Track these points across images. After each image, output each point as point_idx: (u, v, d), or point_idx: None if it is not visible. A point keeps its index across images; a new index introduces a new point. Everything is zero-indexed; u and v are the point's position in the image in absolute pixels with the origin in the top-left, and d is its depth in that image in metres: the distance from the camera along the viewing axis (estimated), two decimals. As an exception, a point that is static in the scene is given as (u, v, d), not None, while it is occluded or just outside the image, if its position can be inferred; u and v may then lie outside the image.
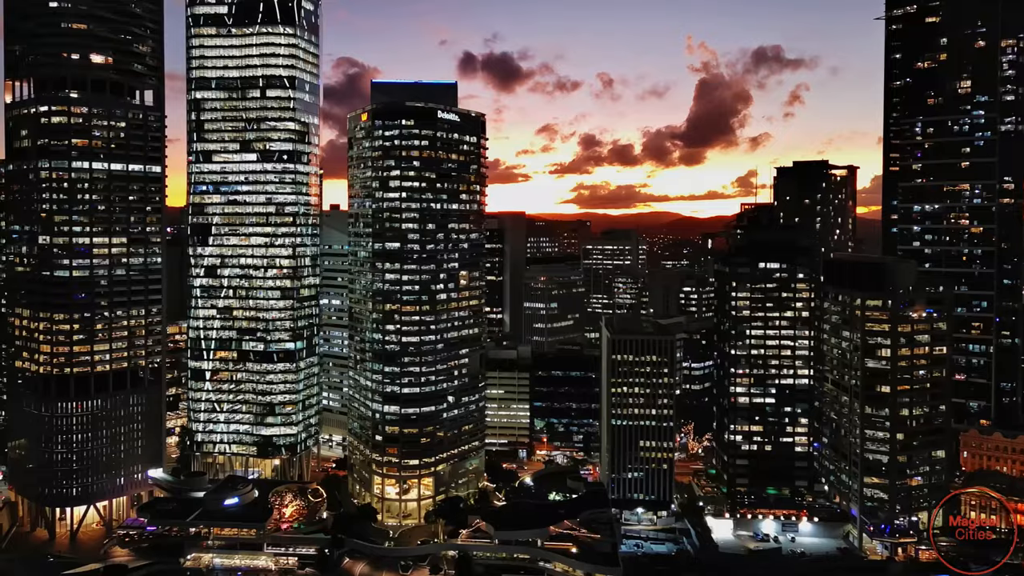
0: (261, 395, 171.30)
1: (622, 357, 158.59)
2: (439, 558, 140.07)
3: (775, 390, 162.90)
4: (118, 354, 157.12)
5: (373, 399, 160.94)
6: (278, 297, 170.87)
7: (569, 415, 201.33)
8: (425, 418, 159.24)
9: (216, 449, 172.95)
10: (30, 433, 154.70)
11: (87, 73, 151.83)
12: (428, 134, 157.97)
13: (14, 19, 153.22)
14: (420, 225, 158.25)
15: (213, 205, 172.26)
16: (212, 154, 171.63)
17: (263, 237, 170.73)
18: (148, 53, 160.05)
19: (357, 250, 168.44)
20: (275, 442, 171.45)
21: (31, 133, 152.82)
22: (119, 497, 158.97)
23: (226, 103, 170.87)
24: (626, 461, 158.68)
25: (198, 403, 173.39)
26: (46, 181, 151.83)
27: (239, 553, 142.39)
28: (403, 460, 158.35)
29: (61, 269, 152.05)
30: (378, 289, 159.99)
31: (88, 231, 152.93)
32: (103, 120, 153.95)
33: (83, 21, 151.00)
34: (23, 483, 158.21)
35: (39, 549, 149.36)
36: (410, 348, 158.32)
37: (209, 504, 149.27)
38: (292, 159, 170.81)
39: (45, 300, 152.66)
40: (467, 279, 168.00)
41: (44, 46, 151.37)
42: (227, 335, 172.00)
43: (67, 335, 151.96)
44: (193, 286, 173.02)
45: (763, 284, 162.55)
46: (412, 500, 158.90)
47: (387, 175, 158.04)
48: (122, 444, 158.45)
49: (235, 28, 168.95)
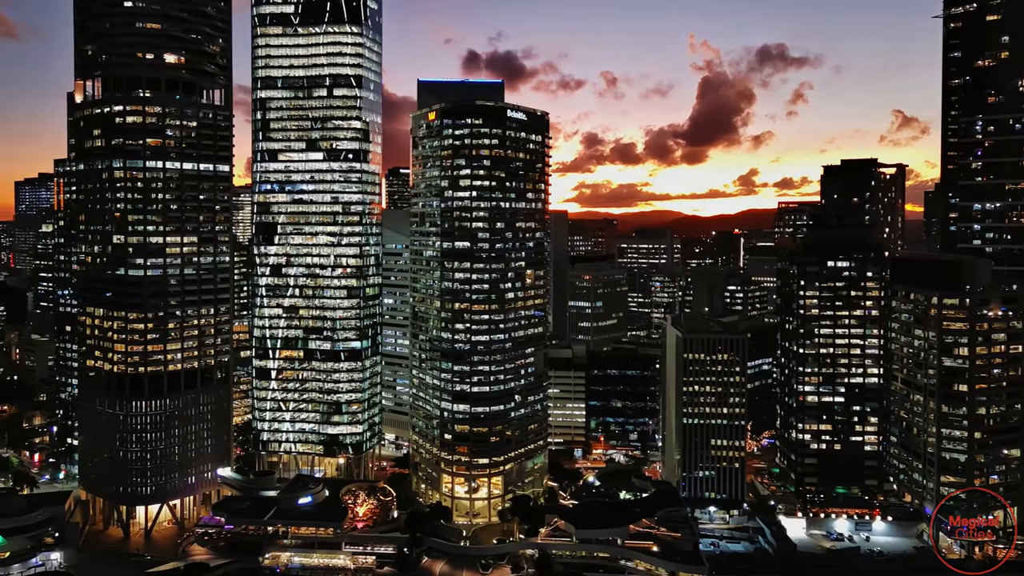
0: (327, 394, 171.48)
1: (693, 356, 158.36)
2: (518, 557, 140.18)
3: (844, 389, 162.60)
4: (189, 353, 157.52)
5: (442, 398, 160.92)
6: (344, 296, 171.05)
7: (625, 414, 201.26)
8: (494, 417, 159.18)
9: (282, 448, 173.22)
10: (103, 432, 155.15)
11: (161, 73, 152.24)
12: (498, 132, 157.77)
13: (87, 19, 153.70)
14: (489, 224, 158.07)
15: (278, 204, 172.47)
16: (277, 153, 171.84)
17: (329, 236, 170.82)
18: (218, 53, 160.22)
19: (422, 249, 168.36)
20: (341, 441, 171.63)
21: (104, 133, 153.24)
22: (190, 496, 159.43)
23: (292, 102, 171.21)
24: (697, 460, 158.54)
25: (263, 402, 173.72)
26: (120, 181, 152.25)
27: (317, 552, 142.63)
28: (473, 459, 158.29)
29: (135, 268, 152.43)
30: (446, 288, 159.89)
31: (161, 230, 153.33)
32: (175, 120, 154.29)
33: (157, 21, 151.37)
34: (95, 482, 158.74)
35: (115, 548, 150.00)
36: (480, 347, 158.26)
37: (284, 503, 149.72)
38: (357, 158, 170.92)
39: (119, 299, 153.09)
40: (532, 278, 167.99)
41: (118, 46, 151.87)
42: (293, 334, 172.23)
43: (141, 334, 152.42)
44: (258, 285, 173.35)
45: (832, 283, 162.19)
46: (481, 499, 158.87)
47: (457, 174, 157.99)
48: (192, 443, 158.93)
49: (301, 27, 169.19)
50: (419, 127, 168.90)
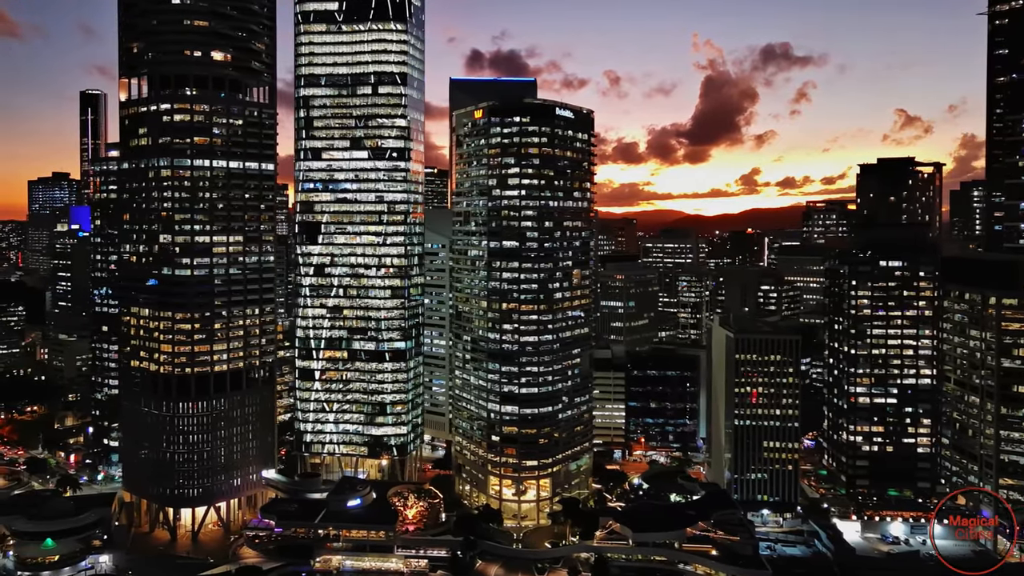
0: (371, 394, 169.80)
1: (745, 356, 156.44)
2: (573, 560, 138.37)
3: (896, 390, 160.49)
4: (234, 354, 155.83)
5: (488, 399, 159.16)
6: (388, 296, 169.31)
7: (664, 415, 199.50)
8: (543, 418, 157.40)
9: (325, 449, 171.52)
10: (148, 433, 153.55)
11: (208, 71, 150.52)
12: (546, 131, 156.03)
13: (132, 16, 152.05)
14: (538, 223, 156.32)
15: (321, 203, 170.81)
16: (321, 151, 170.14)
17: (374, 236, 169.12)
18: (264, 50, 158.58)
19: (466, 248, 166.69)
20: (385, 442, 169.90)
21: (151, 131, 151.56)
22: (236, 498, 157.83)
23: (335, 100, 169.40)
24: (749, 462, 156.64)
25: (306, 403, 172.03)
26: (167, 179, 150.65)
27: (368, 555, 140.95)
28: (521, 461, 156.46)
29: (182, 268, 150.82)
30: (494, 288, 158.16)
31: (208, 230, 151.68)
32: (222, 118, 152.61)
33: (205, 18, 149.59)
34: (140, 483, 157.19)
35: (162, 550, 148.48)
36: (528, 348, 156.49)
37: (332, 505, 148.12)
38: (401, 156, 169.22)
39: (165, 299, 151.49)
40: (579, 278, 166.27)
41: (165, 43, 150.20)
42: (336, 334, 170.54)
43: (188, 335, 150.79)
44: (301, 285, 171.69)
45: (884, 282, 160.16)
46: (529, 502, 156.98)
47: (505, 173, 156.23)
48: (238, 445, 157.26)
49: (345, 25, 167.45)
50: (463, 125, 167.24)
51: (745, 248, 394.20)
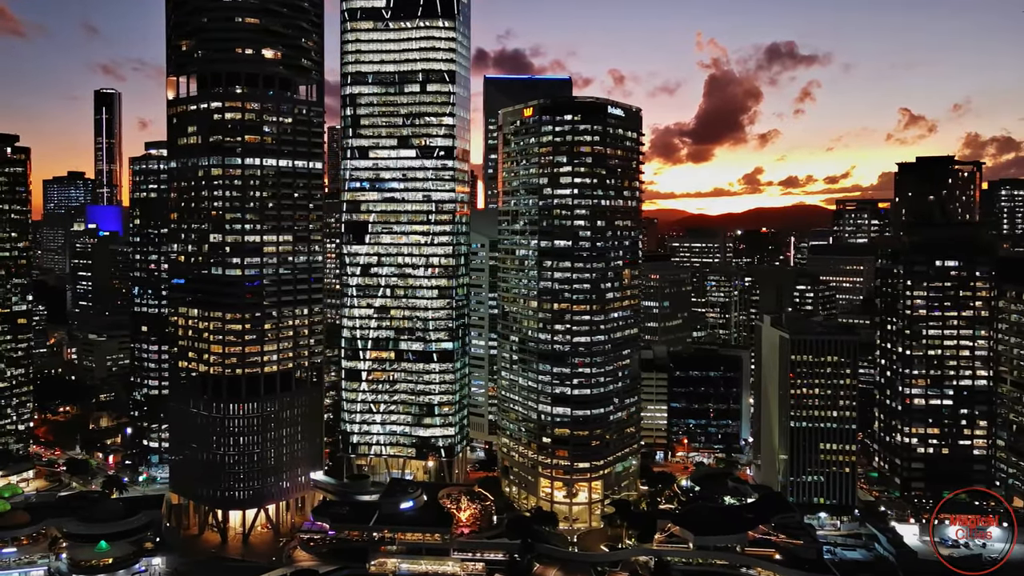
0: (418, 395, 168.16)
1: (801, 357, 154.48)
2: (632, 563, 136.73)
3: (952, 391, 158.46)
4: (284, 354, 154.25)
5: (539, 400, 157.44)
6: (435, 296, 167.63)
7: (707, 416, 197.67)
8: (595, 420, 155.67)
9: (372, 450, 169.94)
10: (198, 435, 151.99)
11: (259, 68, 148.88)
12: (598, 129, 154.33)
13: (182, 15, 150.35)
14: (590, 222, 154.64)
15: (368, 202, 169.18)
16: (368, 150, 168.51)
17: (421, 235, 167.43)
18: (313, 48, 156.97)
19: (514, 248, 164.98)
20: (432, 443, 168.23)
21: (200, 129, 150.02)
22: (285, 500, 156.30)
23: (382, 98, 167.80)
24: (805, 464, 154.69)
25: (353, 403, 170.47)
26: (217, 178, 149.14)
27: (424, 558, 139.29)
28: (573, 463, 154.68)
29: (232, 268, 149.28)
30: (544, 288, 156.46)
31: (259, 229, 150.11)
32: (272, 116, 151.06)
33: (256, 16, 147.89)
34: (188, 485, 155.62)
35: (212, 553, 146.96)
36: (580, 348, 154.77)
37: (385, 508, 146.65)
38: (449, 155, 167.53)
39: (216, 300, 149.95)
40: (628, 277, 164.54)
41: (216, 41, 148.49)
42: (384, 335, 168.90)
43: (239, 335, 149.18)
44: (348, 285, 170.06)
45: (940, 282, 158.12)
46: (580, 504, 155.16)
47: (557, 171, 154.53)
48: (287, 446, 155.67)
49: (392, 22, 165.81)
50: (511, 123, 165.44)
51: (760, 247, 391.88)
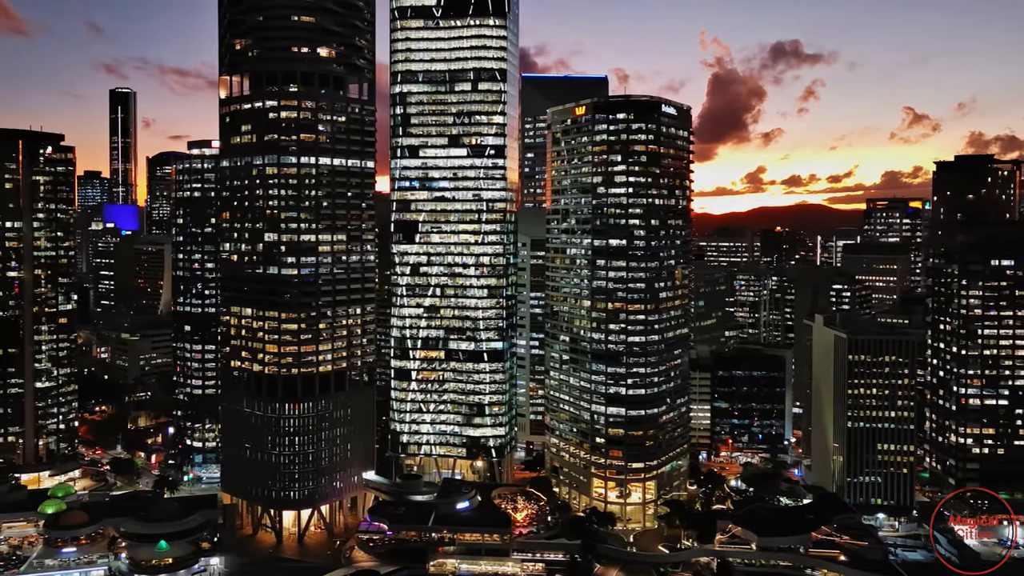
0: (468, 395, 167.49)
1: (858, 357, 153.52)
2: (694, 564, 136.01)
3: (1007, 391, 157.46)
4: (337, 354, 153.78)
5: (592, 400, 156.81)
6: (485, 295, 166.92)
7: (751, 416, 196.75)
8: (649, 420, 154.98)
9: (421, 450, 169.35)
10: (253, 435, 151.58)
11: (315, 67, 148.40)
12: (652, 128, 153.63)
13: (237, 13, 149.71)
14: (644, 221, 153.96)
15: (418, 202, 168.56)
16: (418, 149, 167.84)
17: (471, 235, 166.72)
18: (366, 46, 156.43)
19: (565, 247, 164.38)
20: (483, 443, 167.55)
21: (255, 128, 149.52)
22: (338, 500, 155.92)
23: (432, 97, 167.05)
24: (863, 464, 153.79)
25: (402, 403, 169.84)
26: (272, 177, 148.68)
27: (484, 559, 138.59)
28: (628, 463, 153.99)
29: (287, 267, 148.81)
30: (598, 287, 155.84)
31: (314, 228, 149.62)
32: (327, 115, 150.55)
33: (312, 14, 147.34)
34: (242, 485, 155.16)
35: (272, 552, 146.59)
36: (635, 348, 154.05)
37: (442, 508, 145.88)
38: (499, 154, 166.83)
39: (272, 299, 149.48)
40: (680, 277, 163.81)
41: (272, 40, 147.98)
42: (433, 334, 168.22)
43: (294, 335, 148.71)
44: (397, 284, 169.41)
45: (996, 281, 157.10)
46: (634, 504, 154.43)
47: (611, 170, 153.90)
48: (340, 446, 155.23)
49: (443, 20, 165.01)
50: (561, 122, 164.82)
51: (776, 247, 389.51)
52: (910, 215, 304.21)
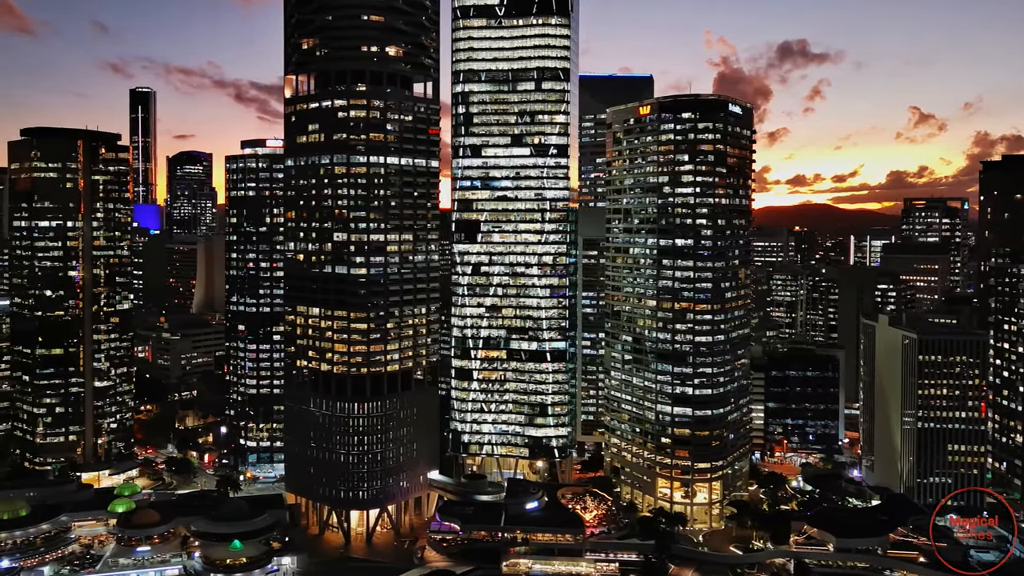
0: (530, 395, 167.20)
1: (928, 358, 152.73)
2: (769, 565, 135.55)
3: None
4: (404, 354, 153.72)
5: (657, 400, 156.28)
6: (548, 295, 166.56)
7: (805, 416, 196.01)
8: (715, 420, 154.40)
9: (483, 450, 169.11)
10: (320, 435, 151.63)
11: (383, 66, 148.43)
12: (720, 127, 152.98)
13: (306, 13, 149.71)
14: (711, 221, 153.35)
15: (480, 201, 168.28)
16: (480, 148, 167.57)
17: (534, 234, 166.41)
18: (432, 45, 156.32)
19: (627, 247, 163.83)
20: (545, 444, 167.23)
21: (324, 127, 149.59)
22: (404, 500, 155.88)
23: (494, 96, 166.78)
24: (932, 465, 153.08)
25: (463, 403, 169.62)
26: (341, 177, 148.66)
27: (557, 559, 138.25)
28: (694, 463, 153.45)
29: (356, 267, 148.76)
30: (664, 287, 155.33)
31: (382, 228, 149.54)
32: (395, 114, 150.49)
33: (381, 13, 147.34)
34: (308, 485, 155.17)
35: (342, 552, 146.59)
36: (702, 348, 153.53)
37: (511, 509, 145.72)
38: (562, 153, 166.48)
39: (340, 299, 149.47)
40: (743, 276, 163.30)
41: (341, 39, 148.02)
42: (495, 334, 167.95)
43: (363, 334, 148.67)
44: (458, 284, 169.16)
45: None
46: (701, 504, 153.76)
47: (678, 170, 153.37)
48: (407, 446, 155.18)
49: (505, 19, 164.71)
50: (623, 122, 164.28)
51: (812, 246, 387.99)
52: (952, 215, 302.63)
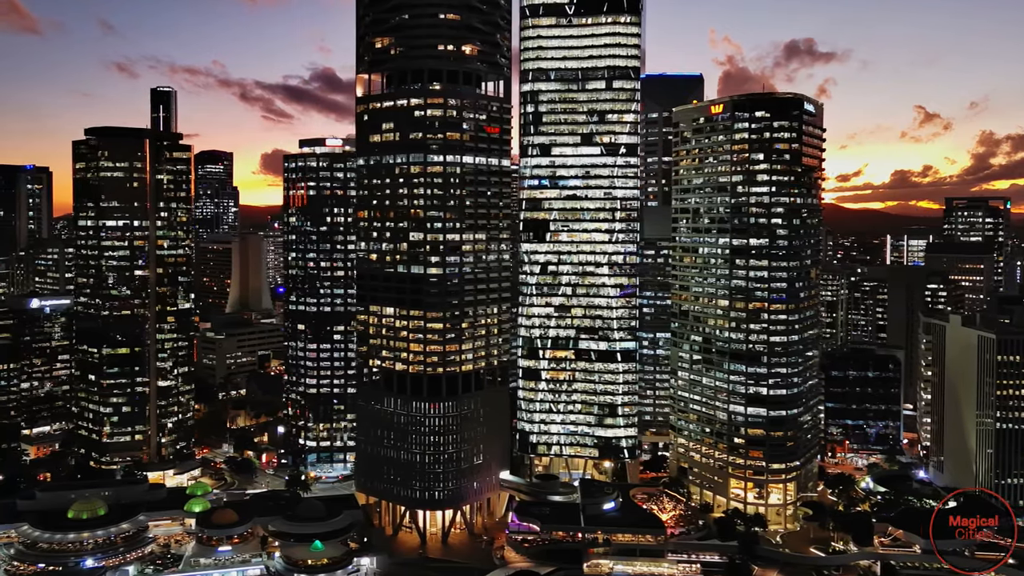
0: (599, 395, 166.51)
1: (1007, 358, 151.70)
2: (854, 567, 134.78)
3: None
4: (478, 353, 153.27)
5: (730, 400, 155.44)
6: (617, 295, 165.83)
7: (865, 416, 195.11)
8: (790, 420, 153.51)
9: (552, 451, 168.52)
10: (395, 434, 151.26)
11: (459, 65, 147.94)
12: (795, 126, 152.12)
13: (380, 12, 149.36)
14: (787, 220, 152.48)
15: (549, 200, 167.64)
16: (549, 147, 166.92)
17: (603, 233, 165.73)
18: (505, 44, 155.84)
19: (697, 246, 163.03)
20: (615, 444, 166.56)
21: (399, 126, 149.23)
22: (478, 500, 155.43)
23: (563, 95, 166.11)
24: (1011, 466, 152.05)
25: (531, 403, 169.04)
26: (417, 176, 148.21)
27: (638, 559, 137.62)
28: (769, 463, 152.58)
29: (433, 267, 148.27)
30: (738, 287, 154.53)
31: (457, 227, 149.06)
32: (470, 113, 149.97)
33: (457, 12, 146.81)
34: (381, 485, 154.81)
35: (421, 553, 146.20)
36: (777, 348, 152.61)
37: (589, 509, 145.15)
38: (632, 152, 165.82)
39: (416, 298, 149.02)
40: (815, 275, 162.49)
41: (417, 38, 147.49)
42: (563, 334, 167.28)
43: (440, 334, 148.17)
44: (527, 283, 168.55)
45: None
46: (774, 505, 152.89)
47: (753, 169, 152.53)
48: (480, 446, 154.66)
49: (575, 18, 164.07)
50: (692, 121, 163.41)
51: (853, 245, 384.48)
52: (995, 214, 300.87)
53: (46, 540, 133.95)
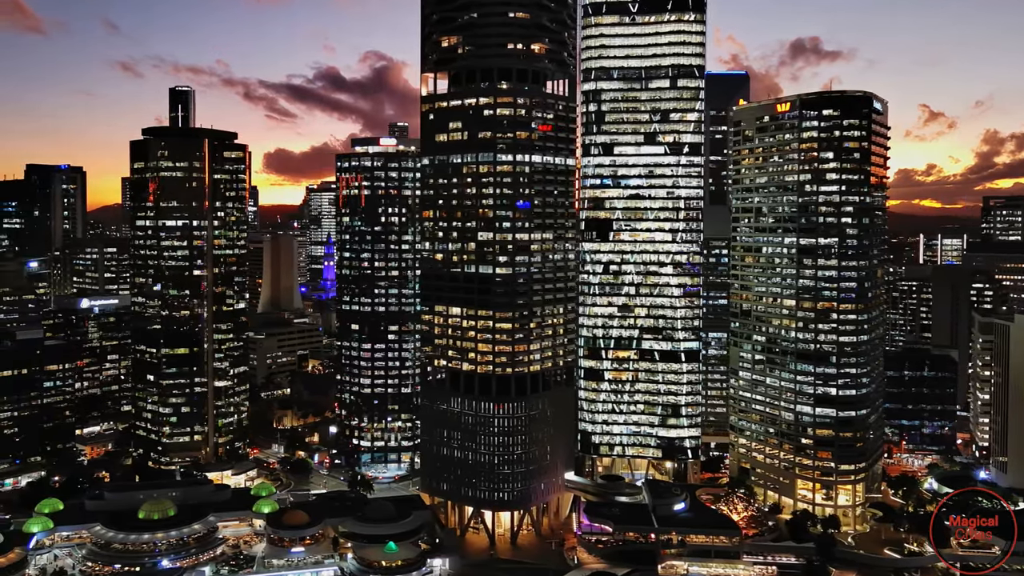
0: (662, 395, 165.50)
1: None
2: (932, 568, 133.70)
3: None
4: (545, 353, 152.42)
5: (797, 401, 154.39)
6: (681, 294, 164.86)
7: (921, 417, 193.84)
8: (859, 421, 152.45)
9: (614, 451, 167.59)
10: (462, 435, 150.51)
11: (528, 64, 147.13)
12: (865, 124, 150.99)
13: (446, 11, 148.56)
14: (856, 219, 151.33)
15: (611, 200, 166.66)
16: (612, 147, 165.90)
17: (666, 233, 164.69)
18: (571, 42, 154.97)
19: (761, 246, 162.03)
20: (678, 444, 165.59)
21: (467, 126, 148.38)
22: (545, 501, 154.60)
23: (626, 94, 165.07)
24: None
25: (594, 403, 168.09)
26: (485, 175, 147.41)
27: (713, 561, 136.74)
28: (838, 464, 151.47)
29: (501, 267, 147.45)
30: (805, 286, 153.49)
31: (526, 227, 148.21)
32: (538, 112, 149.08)
33: (526, 10, 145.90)
34: (447, 485, 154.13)
35: (492, 554, 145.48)
36: (846, 348, 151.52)
37: (660, 510, 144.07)
38: (695, 151, 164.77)
39: (484, 298, 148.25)
40: (880, 275, 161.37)
41: (487, 36, 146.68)
42: (626, 334, 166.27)
43: (508, 334, 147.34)
44: (588, 283, 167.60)
45: None
46: (842, 506, 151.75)
47: (822, 167, 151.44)
48: (546, 446, 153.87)
49: (639, 16, 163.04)
50: (756, 119, 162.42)
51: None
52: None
53: (120, 540, 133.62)
